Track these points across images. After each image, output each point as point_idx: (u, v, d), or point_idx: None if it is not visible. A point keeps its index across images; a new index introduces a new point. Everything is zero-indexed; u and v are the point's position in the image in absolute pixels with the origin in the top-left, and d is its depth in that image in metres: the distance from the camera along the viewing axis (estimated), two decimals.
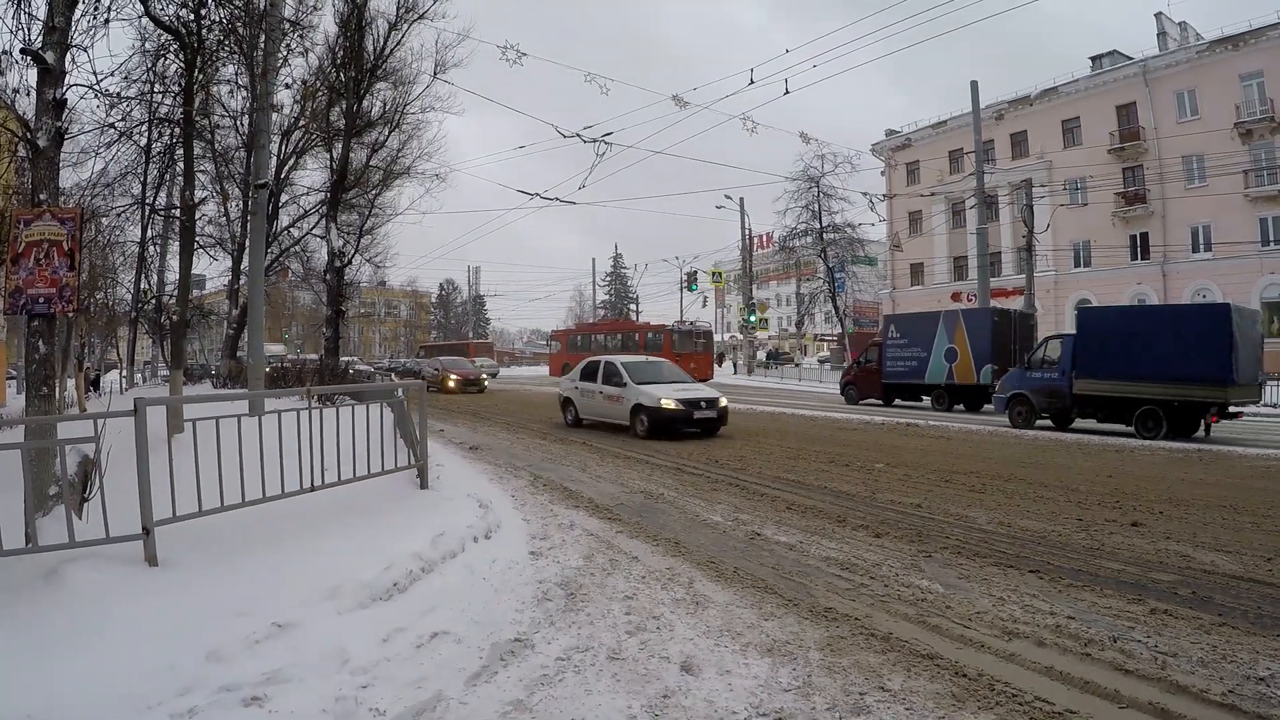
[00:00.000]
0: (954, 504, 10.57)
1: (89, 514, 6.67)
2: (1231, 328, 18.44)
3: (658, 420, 18.55)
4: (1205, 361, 18.42)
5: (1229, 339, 18.35)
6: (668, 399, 18.57)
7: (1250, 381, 19.75)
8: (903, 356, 30.46)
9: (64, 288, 8.35)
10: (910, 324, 31.75)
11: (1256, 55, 43.55)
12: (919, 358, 29.65)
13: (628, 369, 20.14)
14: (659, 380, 20.06)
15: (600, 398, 20.53)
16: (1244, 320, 19.49)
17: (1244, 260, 43.76)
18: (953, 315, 30.35)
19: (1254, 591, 6.70)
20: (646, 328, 52.23)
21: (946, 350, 28.87)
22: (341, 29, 27.49)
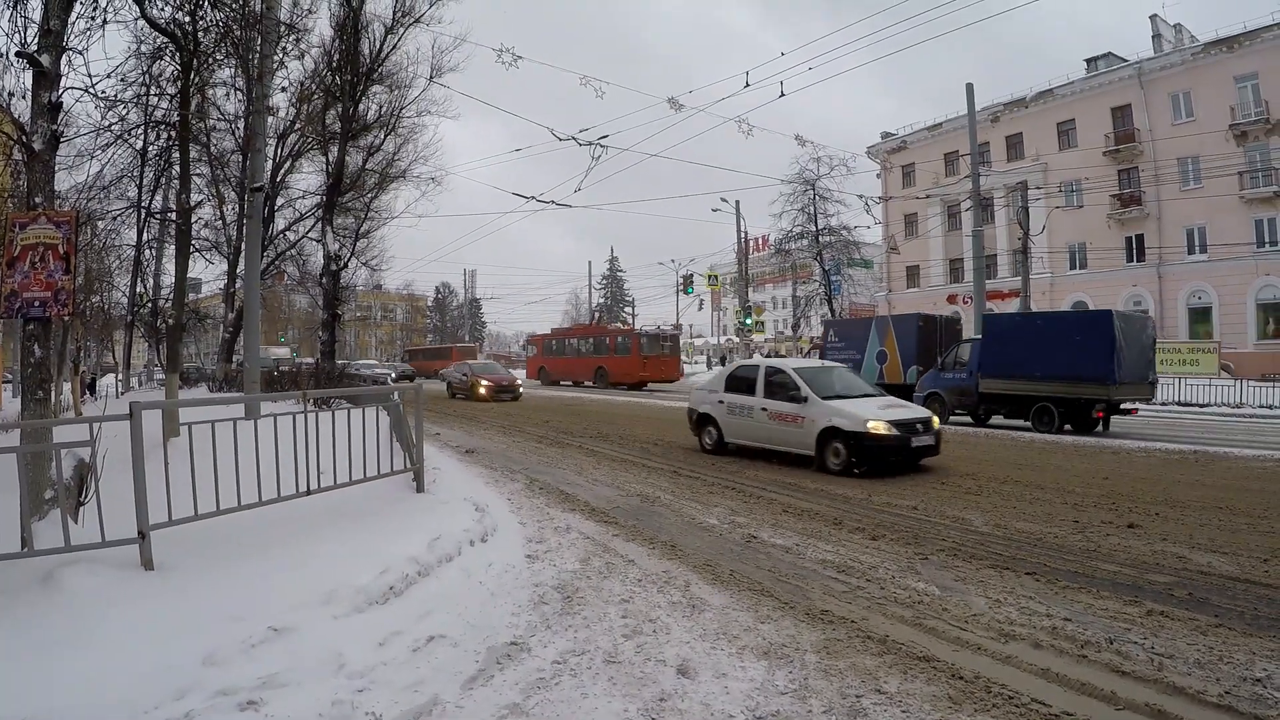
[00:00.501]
0: (950, 506, 10.59)
1: (85, 518, 6.67)
2: (1114, 332, 20.28)
3: (864, 450, 13.36)
4: (1090, 362, 20.37)
5: (1111, 342, 20.18)
6: (876, 420, 13.46)
7: (1140, 381, 21.53)
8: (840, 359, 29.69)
9: (59, 291, 8.34)
10: (847, 329, 34.61)
11: (1251, 57, 43.63)
12: (854, 360, 30.35)
13: (805, 377, 14.87)
14: (849, 393, 15.20)
15: (763, 417, 15.14)
16: (1129, 325, 21.57)
17: (1239, 262, 43.83)
18: (883, 321, 32.61)
19: (1250, 593, 6.71)
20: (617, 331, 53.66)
21: (878, 353, 30.92)
22: (337, 32, 27.47)
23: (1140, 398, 22.11)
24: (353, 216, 33.71)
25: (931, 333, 29.95)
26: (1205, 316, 46.58)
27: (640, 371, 46.16)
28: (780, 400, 14.88)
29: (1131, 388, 21.03)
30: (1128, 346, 20.72)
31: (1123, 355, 20.37)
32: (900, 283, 66.84)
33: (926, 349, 29.01)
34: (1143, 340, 22.10)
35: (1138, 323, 23.14)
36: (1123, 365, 20.30)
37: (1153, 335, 23.59)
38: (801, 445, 14.31)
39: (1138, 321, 23.45)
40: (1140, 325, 22.93)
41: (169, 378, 14.17)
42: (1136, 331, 21.87)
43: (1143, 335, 22.27)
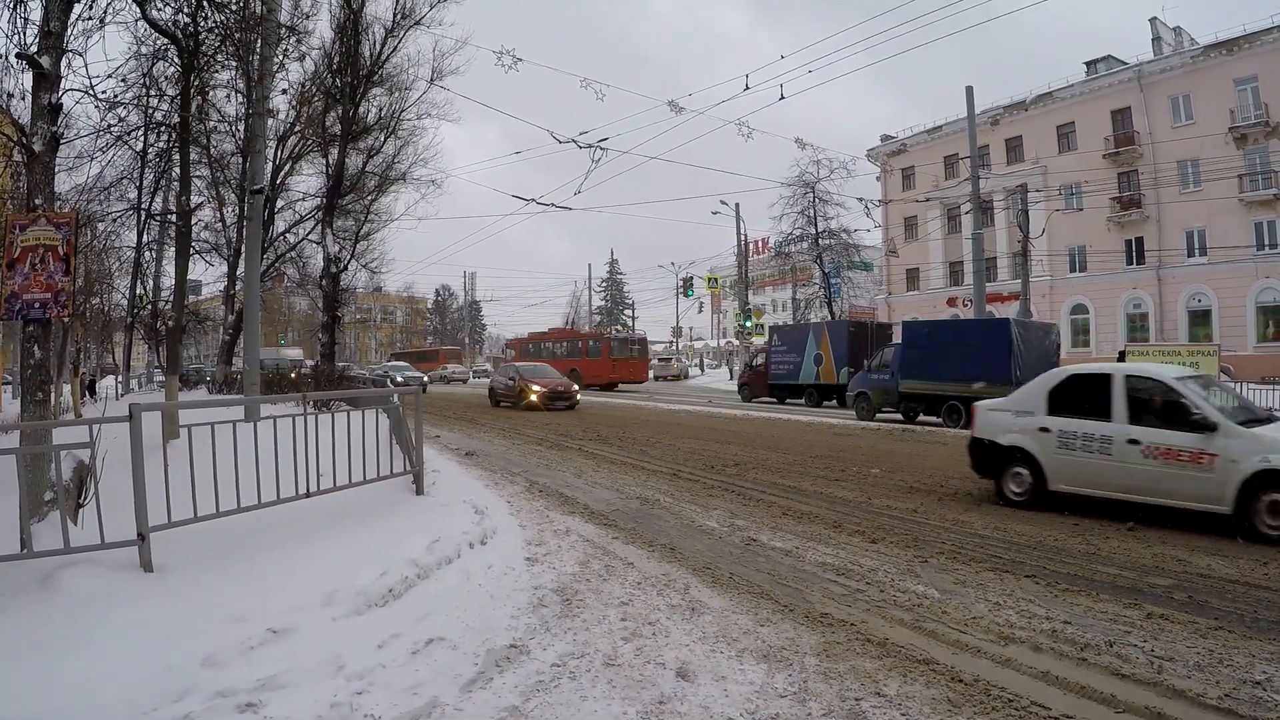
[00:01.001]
0: (949, 509, 10.59)
1: (84, 520, 6.68)
2: (1012, 337, 22.85)
3: None
4: (991, 365, 22.58)
5: (1009, 346, 22.65)
6: None
7: None
8: (783, 361, 36.46)
9: (59, 293, 8.35)
10: (789, 334, 38.17)
11: (1251, 60, 43.65)
12: (795, 362, 35.61)
13: (1201, 392, 9.93)
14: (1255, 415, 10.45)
15: (1132, 453, 9.85)
16: (1029, 331, 24.35)
17: (1239, 264, 43.84)
18: (819, 327, 37.33)
19: (1250, 595, 6.71)
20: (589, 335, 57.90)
21: (815, 356, 34.60)
22: (338, 35, 27.49)
23: None
24: (353, 219, 33.71)
25: (862, 337, 33.33)
26: (1205, 319, 46.57)
27: (610, 373, 49.57)
28: (1164, 428, 9.75)
29: None
30: (1027, 351, 22.89)
31: (1021, 359, 22.41)
32: (900, 285, 66.84)
33: (857, 352, 31.89)
34: (1045, 345, 24.63)
35: (1039, 330, 26.10)
36: (1022, 368, 21.85)
37: (1056, 341, 26.66)
38: (1206, 498, 9.27)
39: (1039, 329, 26.44)
40: (1042, 332, 25.89)
41: (169, 380, 14.19)
42: (1038, 338, 24.54)
43: (1045, 341, 24.99)
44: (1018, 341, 22.76)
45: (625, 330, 64.29)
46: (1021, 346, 22.79)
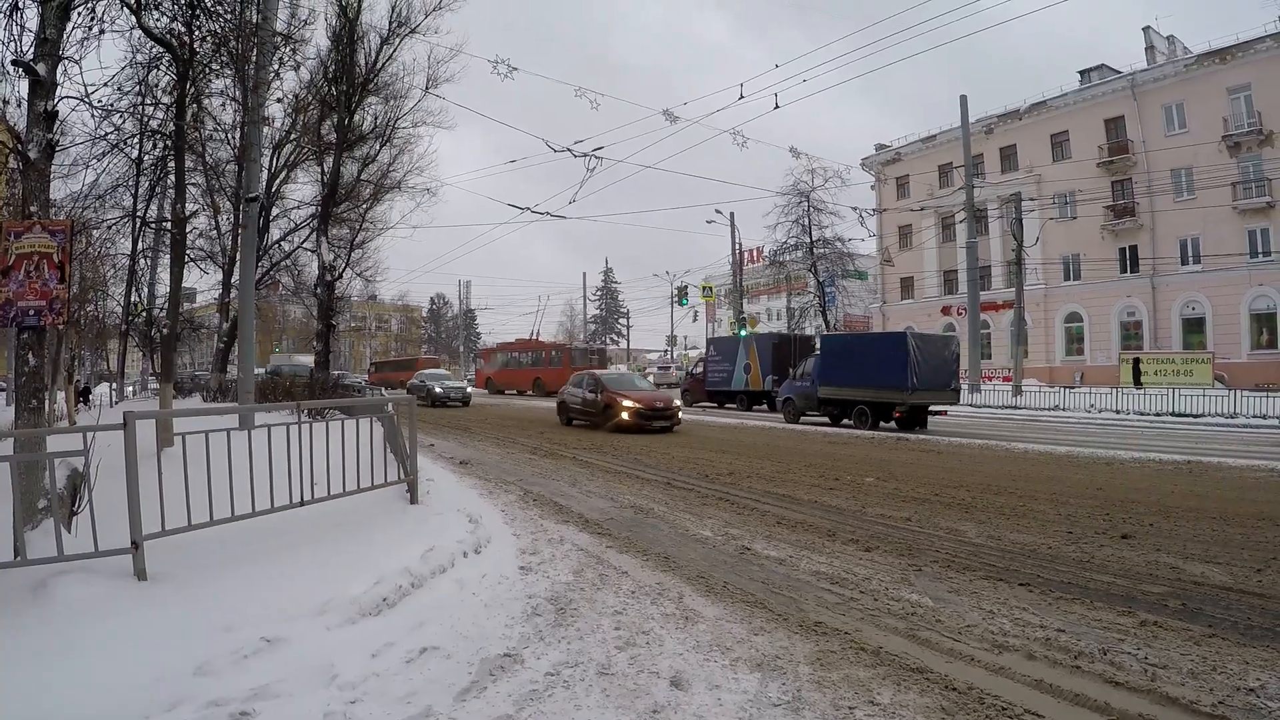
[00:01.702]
0: (944, 518, 10.58)
1: (78, 527, 6.67)
2: (909, 349, 25.26)
3: None
4: (890, 374, 25.57)
5: (906, 357, 25.08)
6: None
7: (942, 388, 26.40)
8: (719, 369, 41.76)
9: (54, 300, 8.36)
10: (723, 344, 43.58)
11: (1244, 68, 43.91)
12: (728, 371, 40.86)
13: None
14: None
15: None
16: (927, 344, 26.73)
17: (1233, 272, 44.06)
18: (749, 339, 42.07)
19: (1244, 603, 6.71)
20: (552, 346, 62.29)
21: (744, 365, 39.72)
22: (334, 43, 27.56)
23: (944, 402, 27.06)
24: (348, 227, 33.72)
25: (785, 349, 38.33)
26: (1199, 327, 46.79)
27: None
28: None
29: (931, 394, 26.02)
30: (924, 361, 25.57)
31: (917, 368, 25.23)
32: (895, 294, 67.08)
33: (781, 362, 37.09)
34: (944, 356, 27.01)
35: (939, 342, 28.63)
36: (919, 376, 25.22)
37: (955, 352, 28.35)
38: None
39: (939, 341, 29.05)
40: (942, 344, 28.19)
41: (163, 387, 14.19)
42: (937, 349, 26.98)
43: (944, 352, 27.23)
44: (915, 353, 25.33)
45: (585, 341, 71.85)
46: (918, 358, 25.38)
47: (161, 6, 12.03)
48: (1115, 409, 32.80)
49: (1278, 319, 43.09)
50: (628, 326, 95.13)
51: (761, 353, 38.71)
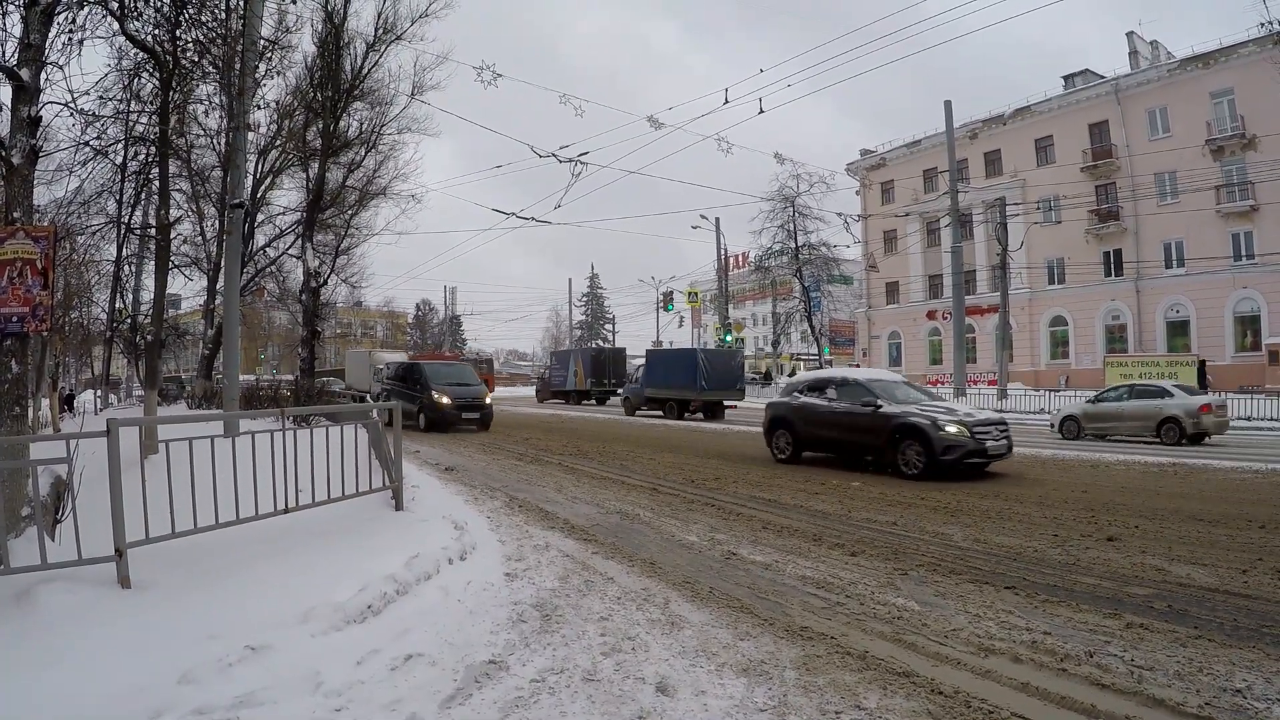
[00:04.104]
0: (929, 521, 10.60)
1: (61, 535, 6.63)
2: (699, 360, 35.68)
3: None
4: (687, 378, 35.70)
5: (695, 366, 35.28)
6: None
7: (729, 389, 36.53)
8: (558, 374, 57.43)
9: (37, 306, 8.32)
10: (560, 356, 59.53)
11: (1227, 73, 44.17)
12: (564, 375, 55.98)
13: None
14: None
15: None
16: (715, 356, 38.12)
17: (1217, 275, 44.29)
18: (576, 352, 59.56)
19: (1229, 604, 6.74)
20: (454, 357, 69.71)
21: (573, 370, 54.73)
22: (319, 49, 27.55)
23: (732, 399, 37.17)
24: (333, 233, 33.79)
25: (601, 359, 54.89)
26: (1183, 329, 47.01)
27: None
28: None
29: (720, 393, 36.00)
30: (712, 369, 35.47)
31: (706, 375, 34.98)
32: (880, 299, 67.24)
33: (598, 369, 53.12)
34: (730, 365, 37.89)
35: (726, 354, 40.50)
36: (708, 381, 35.08)
37: (740, 362, 40.90)
38: None
39: (726, 354, 40.88)
40: (729, 355, 40.34)
41: (148, 394, 14.13)
42: (725, 360, 37.86)
43: (730, 362, 38.35)
44: (703, 364, 35.33)
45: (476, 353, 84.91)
46: (706, 368, 35.24)
47: (145, 13, 12.00)
48: None
49: (1261, 321, 43.27)
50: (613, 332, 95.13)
51: (584, 361, 54.61)
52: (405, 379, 30.10)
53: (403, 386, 29.33)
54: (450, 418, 27.58)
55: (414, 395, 27.83)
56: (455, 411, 27.78)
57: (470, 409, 28.13)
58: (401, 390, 28.68)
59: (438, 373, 29.66)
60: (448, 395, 27.74)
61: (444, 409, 27.38)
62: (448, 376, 29.53)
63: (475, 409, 28.30)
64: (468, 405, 28.10)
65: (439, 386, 28.02)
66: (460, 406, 27.79)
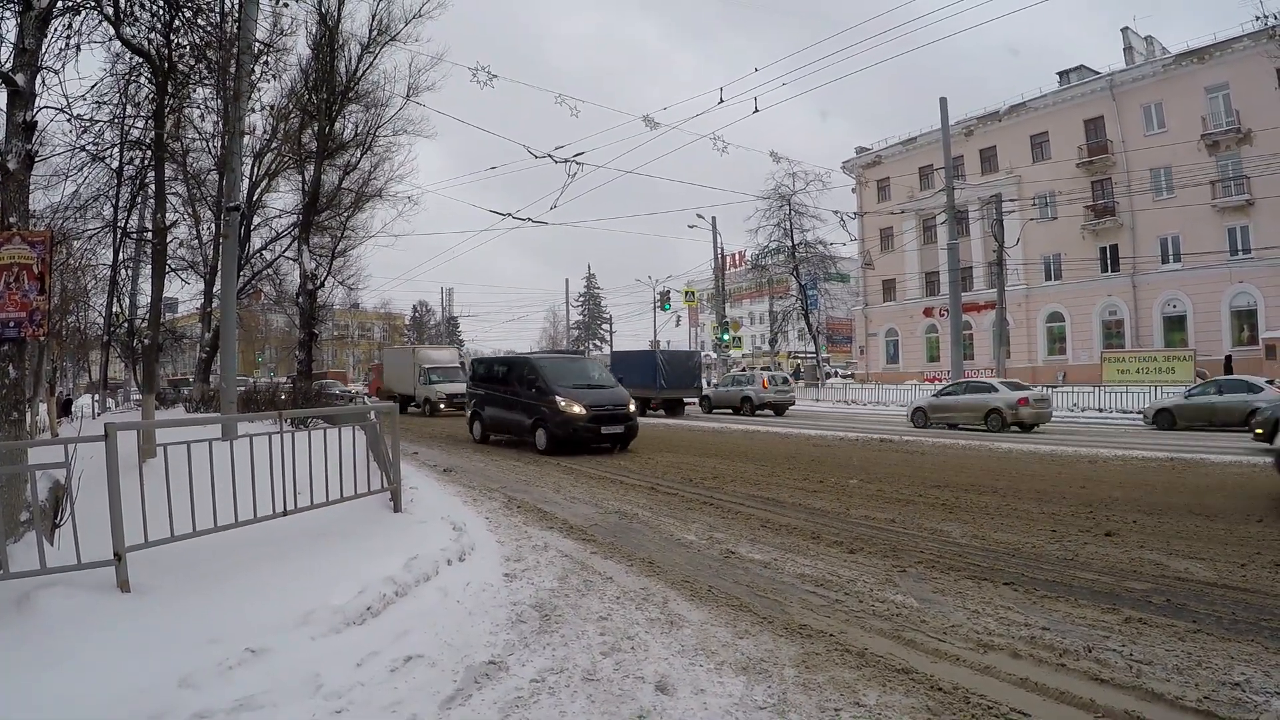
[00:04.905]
0: (927, 518, 10.60)
1: (60, 540, 6.63)
2: (657, 361, 39.07)
3: None
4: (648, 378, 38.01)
5: (655, 367, 38.51)
6: None
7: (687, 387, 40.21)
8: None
9: (34, 311, 8.32)
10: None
11: (1221, 68, 44.21)
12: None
13: None
14: None
15: None
16: (674, 356, 41.54)
17: (1213, 270, 44.33)
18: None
19: (1228, 598, 6.75)
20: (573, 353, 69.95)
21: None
22: (314, 52, 27.58)
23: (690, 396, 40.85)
24: (329, 235, 33.76)
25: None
26: (1180, 325, 47.07)
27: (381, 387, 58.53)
28: None
29: (679, 391, 39.62)
30: (671, 369, 39.02)
31: (664, 374, 38.43)
32: (877, 296, 67.25)
33: None
34: (689, 365, 41.19)
35: (684, 355, 43.70)
36: (667, 380, 38.59)
37: (698, 362, 44.25)
38: None
39: (684, 354, 44.00)
40: (686, 356, 43.39)
41: (145, 398, 14.13)
42: (683, 360, 41.22)
43: (689, 362, 41.69)
44: (662, 365, 38.78)
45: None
46: (665, 368, 38.68)
47: (140, 18, 12.00)
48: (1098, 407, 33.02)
49: (1258, 315, 43.30)
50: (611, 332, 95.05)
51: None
52: (506, 380, 22.36)
53: (503, 391, 22.40)
54: (585, 435, 19.64)
55: (523, 403, 20.90)
56: (592, 426, 19.68)
57: (612, 420, 20.01)
58: (501, 396, 22.34)
59: (560, 370, 21.46)
60: (581, 402, 19.70)
61: (578, 422, 19.54)
62: (574, 375, 21.38)
63: (618, 420, 20.19)
64: (608, 415, 19.96)
65: (565, 390, 20.01)
66: (599, 418, 19.77)
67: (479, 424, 23.59)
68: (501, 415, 22.30)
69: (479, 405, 23.63)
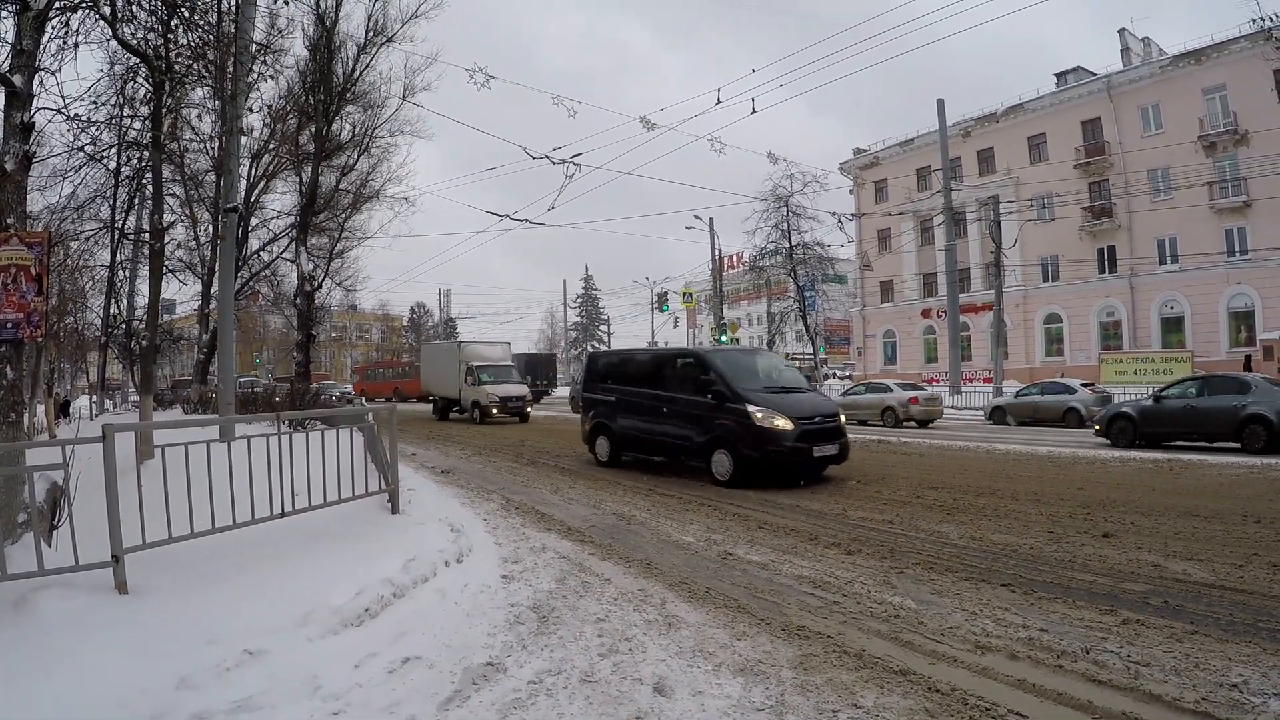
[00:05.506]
0: (925, 519, 10.60)
1: (58, 541, 6.61)
2: None
3: None
4: None
5: None
6: None
7: None
8: None
9: (32, 313, 8.32)
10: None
11: (1218, 69, 44.22)
12: None
13: None
14: None
15: None
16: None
17: (1210, 271, 44.34)
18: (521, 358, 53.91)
19: (1226, 599, 6.75)
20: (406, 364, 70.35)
21: None
22: (311, 53, 27.59)
23: None
24: (327, 236, 33.74)
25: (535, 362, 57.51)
26: (1178, 326, 47.08)
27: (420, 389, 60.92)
28: None
29: None
30: None
31: None
32: (875, 297, 67.25)
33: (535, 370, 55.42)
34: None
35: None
36: None
37: None
38: None
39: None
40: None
41: (143, 399, 14.10)
42: None
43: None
44: None
45: None
46: None
47: (137, 18, 11.99)
48: None
49: (1256, 317, 43.32)
50: (608, 334, 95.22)
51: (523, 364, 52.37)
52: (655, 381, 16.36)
53: (648, 396, 16.31)
54: (794, 459, 13.84)
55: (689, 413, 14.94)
56: (802, 446, 13.81)
57: (825, 438, 14.31)
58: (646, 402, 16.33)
59: (741, 368, 15.44)
60: (783, 413, 13.86)
61: (783, 442, 13.66)
62: (758, 375, 15.48)
63: (832, 437, 14.50)
64: (818, 431, 14.25)
65: (758, 396, 14.27)
66: (809, 434, 13.99)
67: (606, 441, 17.45)
68: (647, 428, 16.22)
69: (605, 415, 17.54)
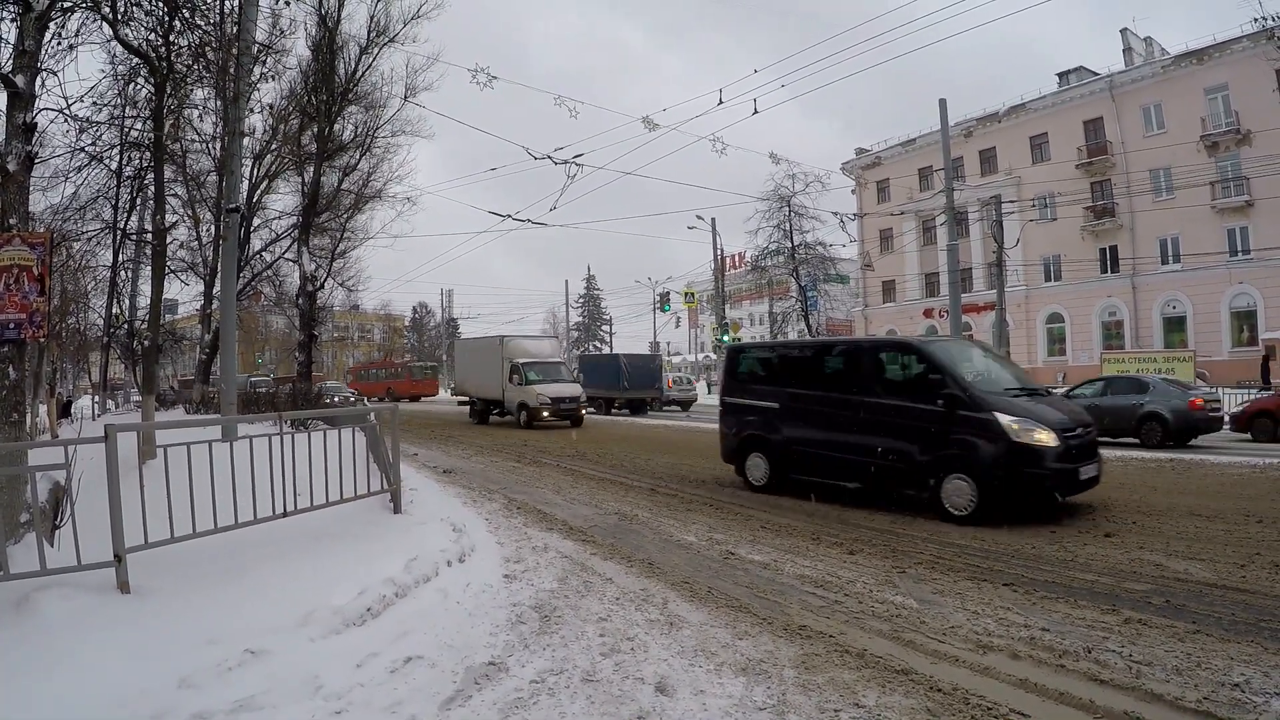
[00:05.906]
0: (927, 519, 10.59)
1: (60, 541, 6.62)
2: (620, 363, 43.36)
3: None
4: (612, 379, 42.66)
5: (619, 369, 42.66)
6: None
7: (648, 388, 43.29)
8: None
9: (34, 313, 8.31)
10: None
11: (1221, 69, 44.12)
12: None
13: None
14: None
15: None
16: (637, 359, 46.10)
17: (1212, 271, 44.25)
18: None
19: (1227, 598, 6.76)
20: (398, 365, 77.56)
21: None
22: (313, 53, 27.56)
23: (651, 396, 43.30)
24: (329, 237, 33.68)
25: None
26: (1180, 325, 46.99)
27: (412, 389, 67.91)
28: None
29: (641, 391, 42.66)
30: (634, 372, 42.78)
31: (628, 376, 42.17)
32: (876, 298, 67.14)
33: None
34: (650, 368, 45.33)
35: (646, 358, 49.10)
36: (630, 381, 42.17)
37: (659, 365, 48.34)
38: None
39: (646, 358, 49.77)
40: (649, 359, 49.05)
41: (145, 400, 14.10)
42: (645, 363, 45.78)
43: (650, 365, 46.05)
44: (625, 367, 42.72)
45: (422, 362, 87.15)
46: (628, 370, 42.50)
47: (139, 19, 11.98)
48: None
49: (1258, 316, 43.26)
50: (610, 334, 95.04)
51: None
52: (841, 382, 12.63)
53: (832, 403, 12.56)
54: (1057, 481, 10.47)
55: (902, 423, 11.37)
56: (1067, 468, 10.57)
57: (1088, 454, 11.18)
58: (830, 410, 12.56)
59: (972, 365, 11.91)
60: (1046, 425, 10.52)
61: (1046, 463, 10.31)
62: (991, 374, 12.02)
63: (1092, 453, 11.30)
64: (1080, 445, 11.00)
65: (1006, 403, 10.93)
66: (1073, 450, 10.75)
67: (762, 459, 13.66)
68: (830, 443, 12.48)
69: (762, 426, 13.68)
